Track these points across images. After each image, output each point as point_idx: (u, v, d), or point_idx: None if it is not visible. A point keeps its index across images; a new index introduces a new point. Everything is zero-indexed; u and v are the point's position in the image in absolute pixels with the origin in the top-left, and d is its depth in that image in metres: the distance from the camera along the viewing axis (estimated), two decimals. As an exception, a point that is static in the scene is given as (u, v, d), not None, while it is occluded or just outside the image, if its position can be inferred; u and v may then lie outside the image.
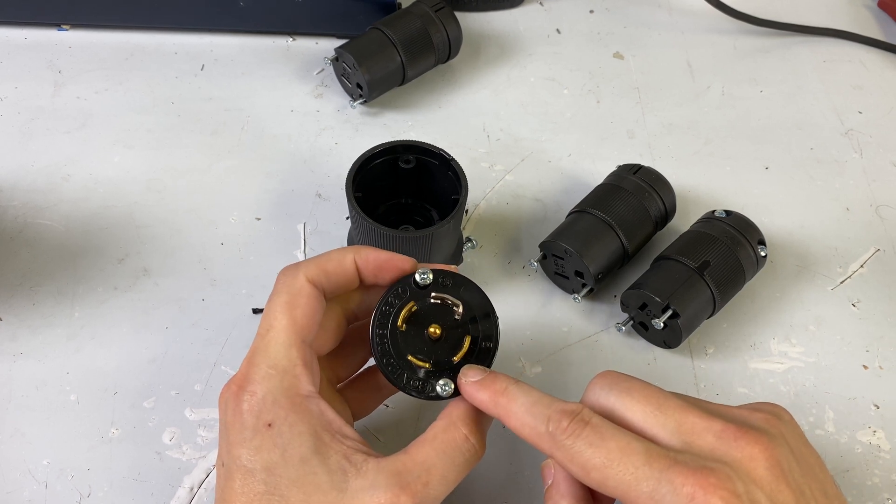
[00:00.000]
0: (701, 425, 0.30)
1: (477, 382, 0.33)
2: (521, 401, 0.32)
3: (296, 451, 0.31)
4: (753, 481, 0.28)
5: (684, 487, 0.27)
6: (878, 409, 0.46)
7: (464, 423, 0.33)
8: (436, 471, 0.32)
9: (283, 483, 0.30)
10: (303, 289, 0.34)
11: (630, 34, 0.68)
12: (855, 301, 0.51)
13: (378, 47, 0.56)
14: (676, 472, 0.28)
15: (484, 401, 0.33)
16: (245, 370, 0.33)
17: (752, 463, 0.28)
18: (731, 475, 0.28)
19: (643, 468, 0.28)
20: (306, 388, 0.33)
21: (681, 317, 0.44)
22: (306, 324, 0.34)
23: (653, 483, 0.28)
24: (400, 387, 0.35)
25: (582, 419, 0.30)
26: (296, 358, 0.33)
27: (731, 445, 0.29)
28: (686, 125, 0.61)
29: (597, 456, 0.29)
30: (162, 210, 0.51)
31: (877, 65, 0.67)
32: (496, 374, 0.33)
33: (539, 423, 0.31)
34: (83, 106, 0.57)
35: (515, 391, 0.32)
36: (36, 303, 0.46)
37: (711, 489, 0.27)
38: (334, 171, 0.54)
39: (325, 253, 0.36)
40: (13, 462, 0.40)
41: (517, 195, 0.55)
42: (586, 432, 0.30)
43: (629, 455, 0.29)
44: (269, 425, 0.31)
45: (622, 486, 0.28)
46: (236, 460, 0.31)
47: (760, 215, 0.54)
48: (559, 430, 0.30)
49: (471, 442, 0.33)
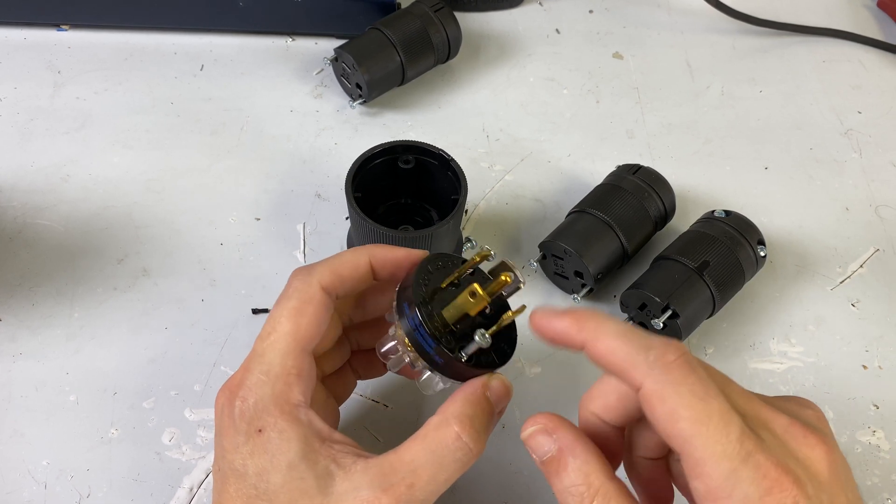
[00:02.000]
0: (768, 415, 0.29)
1: (555, 313, 0.31)
2: (612, 327, 0.29)
3: (284, 457, 0.31)
4: (820, 484, 0.27)
5: (766, 479, 0.26)
6: (878, 409, 0.46)
7: (457, 421, 0.31)
8: (423, 472, 0.30)
9: (271, 488, 0.30)
10: (314, 296, 0.33)
11: (629, 34, 0.68)
12: (854, 301, 0.51)
13: (377, 47, 0.56)
14: (763, 459, 0.26)
15: (565, 327, 0.30)
16: (240, 375, 0.33)
17: (818, 465, 0.28)
18: (803, 476, 0.27)
19: (734, 443, 0.26)
20: (296, 398, 0.32)
21: (680, 317, 0.44)
22: (310, 333, 0.33)
23: (737, 461, 0.26)
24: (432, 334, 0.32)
25: (689, 361, 0.28)
26: (291, 366, 0.32)
27: (800, 442, 0.28)
28: (685, 125, 0.61)
29: (696, 409, 0.27)
30: (161, 210, 0.51)
31: (876, 65, 0.67)
32: (578, 307, 0.31)
33: (636, 351, 0.28)
34: (82, 106, 0.56)
35: (604, 317, 0.30)
36: (35, 303, 0.46)
37: (789, 486, 0.26)
38: (334, 172, 0.54)
39: (339, 256, 0.35)
40: (13, 462, 0.40)
41: (517, 195, 0.55)
42: (692, 379, 0.27)
43: (728, 423, 0.26)
44: (260, 431, 0.31)
45: (704, 451, 0.26)
46: (230, 465, 0.31)
47: (760, 215, 0.54)
48: (662, 363, 0.27)
49: (463, 441, 0.31)
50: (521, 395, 0.45)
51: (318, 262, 0.35)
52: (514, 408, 0.44)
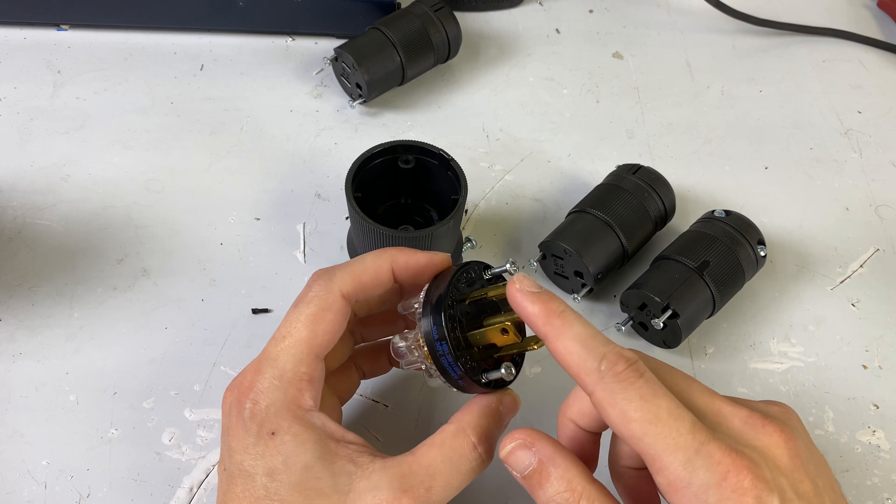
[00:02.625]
0: (727, 410, 0.30)
1: (531, 293, 0.31)
2: (576, 329, 0.30)
3: (299, 458, 0.31)
4: (778, 468, 0.28)
5: (720, 465, 0.27)
6: (878, 408, 0.46)
7: (474, 432, 0.32)
8: (440, 477, 0.31)
9: (283, 488, 0.30)
10: (334, 305, 0.33)
11: (629, 34, 0.68)
12: (854, 301, 0.51)
13: (377, 47, 0.56)
14: (715, 448, 0.28)
15: (534, 314, 0.31)
16: (251, 377, 0.33)
17: (776, 451, 0.29)
18: (759, 461, 0.28)
19: (686, 436, 0.28)
20: (308, 403, 0.32)
21: (680, 317, 0.44)
22: (325, 341, 0.33)
23: (691, 453, 0.27)
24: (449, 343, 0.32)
25: (637, 369, 0.29)
26: (304, 373, 0.33)
27: (759, 431, 0.29)
28: (685, 125, 0.61)
29: (644, 410, 0.28)
30: (161, 210, 0.51)
31: (876, 64, 0.67)
32: (552, 294, 0.32)
33: (591, 358, 0.30)
34: (82, 106, 0.56)
35: (572, 317, 0.31)
36: (35, 303, 0.46)
37: (745, 471, 0.27)
38: (334, 172, 0.54)
39: (361, 261, 0.35)
40: (12, 462, 0.40)
41: (516, 195, 0.55)
42: (640, 383, 0.29)
43: (677, 419, 0.28)
44: (273, 434, 0.31)
45: (658, 446, 0.28)
46: (238, 465, 0.31)
47: (760, 215, 0.54)
48: (612, 373, 0.29)
49: (478, 451, 0.32)
50: (522, 395, 0.44)
51: (340, 266, 0.35)
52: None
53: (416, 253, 0.35)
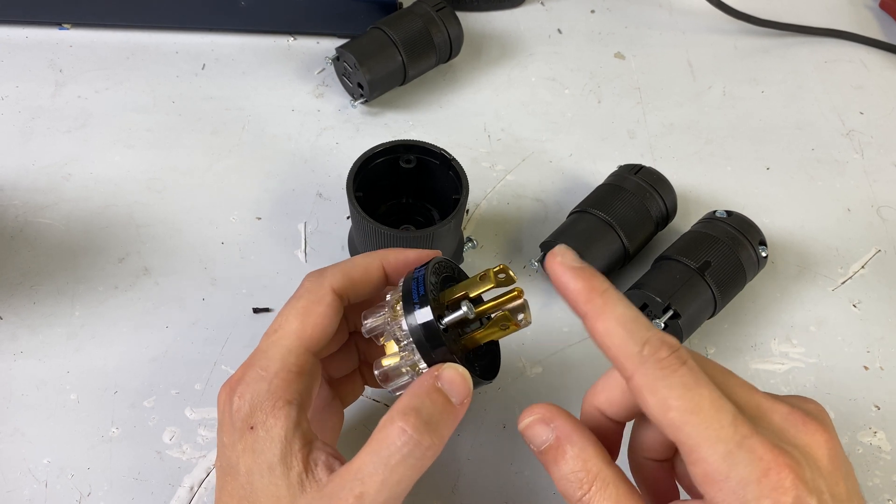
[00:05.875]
0: (767, 405, 0.29)
1: (574, 267, 0.30)
2: (619, 310, 0.29)
3: (266, 457, 0.30)
4: (818, 469, 0.27)
5: (762, 461, 0.26)
6: (879, 409, 0.46)
7: (400, 415, 0.29)
8: (372, 478, 0.29)
9: (257, 489, 0.30)
10: (324, 298, 0.33)
11: (631, 34, 0.68)
12: (856, 302, 0.51)
13: (379, 47, 0.56)
14: (758, 442, 0.27)
15: (576, 290, 0.30)
16: (241, 371, 0.33)
17: (817, 451, 0.28)
18: (801, 460, 0.27)
19: (728, 428, 0.27)
20: (290, 395, 0.32)
21: (681, 317, 0.44)
22: (316, 333, 0.33)
23: (732, 446, 0.26)
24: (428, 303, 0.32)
25: (680, 357, 0.28)
26: (292, 364, 0.32)
27: (800, 430, 0.28)
28: (687, 125, 0.61)
29: (685, 398, 0.27)
30: (162, 209, 0.51)
31: (878, 65, 0.67)
32: (595, 270, 0.30)
33: (632, 342, 0.28)
34: (84, 105, 0.56)
35: (615, 297, 0.29)
36: (36, 302, 0.46)
37: (786, 469, 0.26)
38: (335, 171, 0.54)
39: (351, 260, 0.35)
40: (13, 461, 0.40)
41: (518, 195, 0.55)
42: (682, 371, 0.28)
43: (719, 410, 0.27)
44: (252, 428, 0.31)
45: (698, 437, 0.27)
46: (227, 461, 0.31)
47: (761, 216, 0.54)
48: (654, 359, 0.28)
49: (408, 434, 0.29)
50: (522, 396, 0.45)
51: (331, 265, 0.35)
52: (515, 408, 0.44)
53: (407, 251, 0.35)
